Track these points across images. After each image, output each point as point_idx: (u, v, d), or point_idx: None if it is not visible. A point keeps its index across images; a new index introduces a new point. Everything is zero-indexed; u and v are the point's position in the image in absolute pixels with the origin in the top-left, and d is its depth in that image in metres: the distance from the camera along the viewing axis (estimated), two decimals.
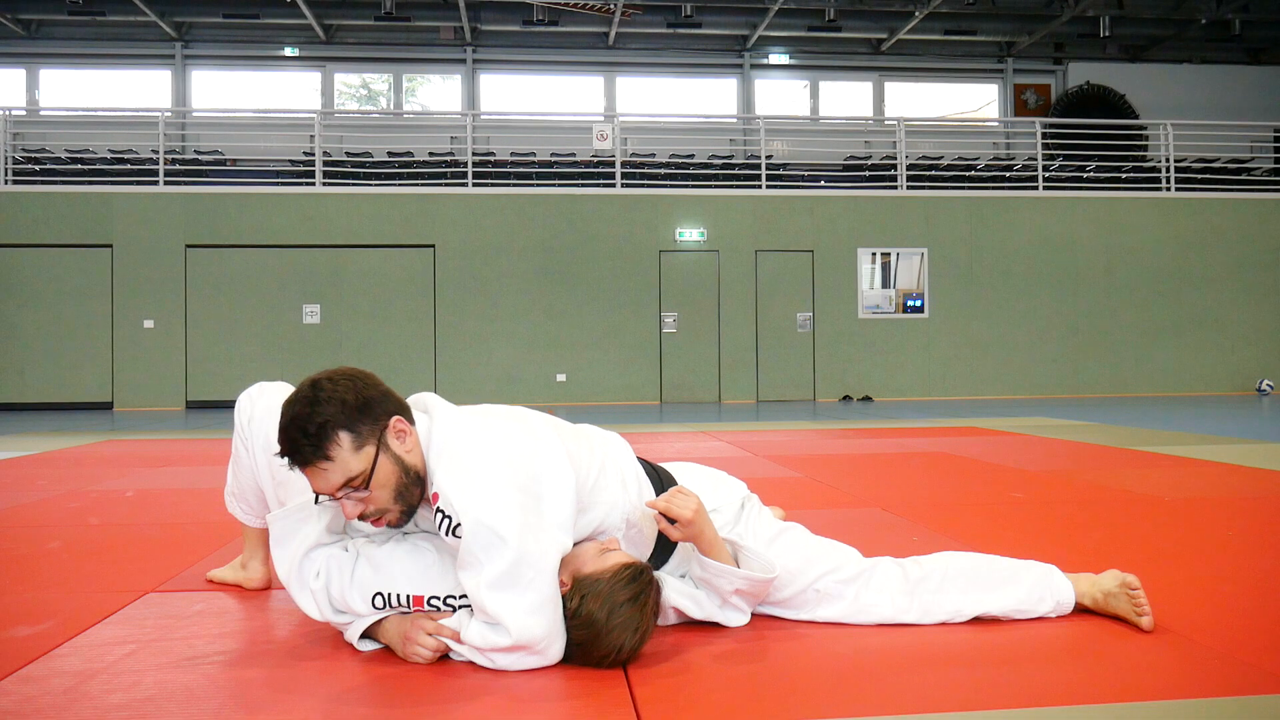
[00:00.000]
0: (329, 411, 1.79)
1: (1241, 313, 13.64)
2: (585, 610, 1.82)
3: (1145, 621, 2.05)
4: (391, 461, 1.85)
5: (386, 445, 1.85)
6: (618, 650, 1.83)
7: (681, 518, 1.97)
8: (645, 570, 1.89)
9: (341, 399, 1.81)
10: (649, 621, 1.86)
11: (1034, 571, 2.18)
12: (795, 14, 15.62)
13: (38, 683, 1.82)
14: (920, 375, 13.21)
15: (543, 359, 12.72)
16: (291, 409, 1.81)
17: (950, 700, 1.70)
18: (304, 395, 1.81)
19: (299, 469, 1.84)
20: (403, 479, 1.86)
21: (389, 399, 1.88)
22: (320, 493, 1.85)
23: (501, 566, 1.77)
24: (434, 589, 1.90)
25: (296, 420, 1.79)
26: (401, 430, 1.87)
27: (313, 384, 1.83)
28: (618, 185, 13.29)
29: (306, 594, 1.97)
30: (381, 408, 1.85)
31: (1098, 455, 5.66)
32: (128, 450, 6.64)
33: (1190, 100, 16.82)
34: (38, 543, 3.24)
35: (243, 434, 2.32)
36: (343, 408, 1.80)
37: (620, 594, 1.82)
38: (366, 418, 1.82)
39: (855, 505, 3.87)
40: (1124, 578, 2.11)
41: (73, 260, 12.33)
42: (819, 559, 2.18)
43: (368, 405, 1.83)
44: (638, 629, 1.83)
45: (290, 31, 15.78)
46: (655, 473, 2.24)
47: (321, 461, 1.80)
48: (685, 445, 6.48)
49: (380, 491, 1.85)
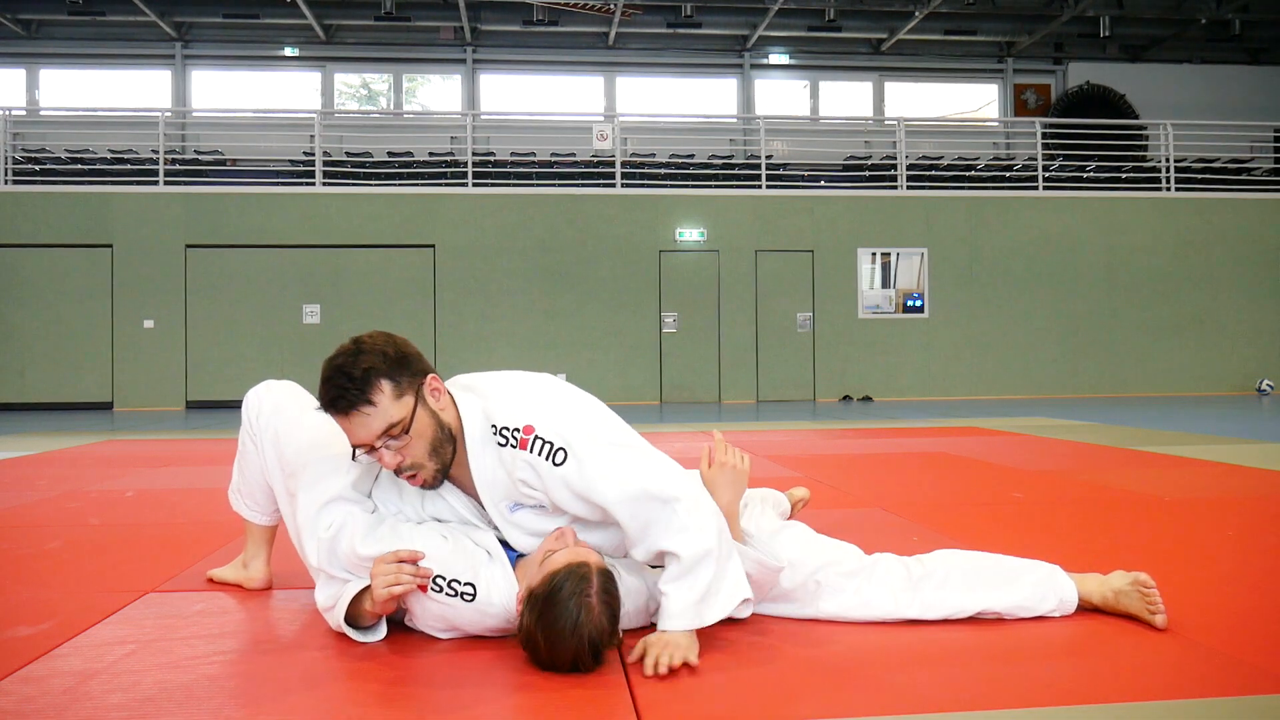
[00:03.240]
0: (372, 360, 1.90)
1: (1241, 313, 13.64)
2: (524, 625, 1.82)
3: (1159, 619, 2.05)
4: (428, 415, 1.95)
5: (423, 399, 1.95)
6: (574, 656, 1.78)
7: (728, 462, 2.07)
8: (580, 565, 1.83)
9: (382, 351, 1.92)
10: (593, 616, 1.78)
11: (1038, 571, 2.18)
12: (795, 14, 15.62)
13: (38, 683, 1.82)
14: (920, 375, 13.21)
15: (543, 359, 12.71)
16: (334, 360, 1.92)
17: (950, 700, 1.70)
18: (346, 348, 1.93)
19: (341, 417, 1.91)
20: (438, 433, 1.96)
21: (422, 359, 2.01)
22: (359, 444, 1.93)
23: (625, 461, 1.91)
24: (441, 569, 1.93)
25: (341, 368, 1.89)
26: (435, 388, 1.98)
27: (354, 340, 1.95)
28: (618, 185, 13.29)
29: (313, 541, 2.03)
30: (418, 364, 1.98)
31: (1098, 455, 5.66)
32: (128, 450, 6.64)
33: (1190, 100, 16.81)
34: (38, 543, 3.24)
35: (251, 429, 2.35)
36: (384, 358, 1.91)
37: (553, 601, 1.78)
38: (405, 370, 1.94)
39: (855, 505, 3.87)
40: (1136, 576, 2.11)
41: (73, 260, 12.33)
42: (820, 552, 2.19)
43: (405, 359, 1.95)
44: (575, 629, 1.76)
45: (290, 31, 15.77)
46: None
47: (364, 406, 1.89)
48: (685, 445, 6.48)
49: (418, 442, 1.94)
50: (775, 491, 2.91)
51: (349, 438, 1.94)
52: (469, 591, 1.93)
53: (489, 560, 1.98)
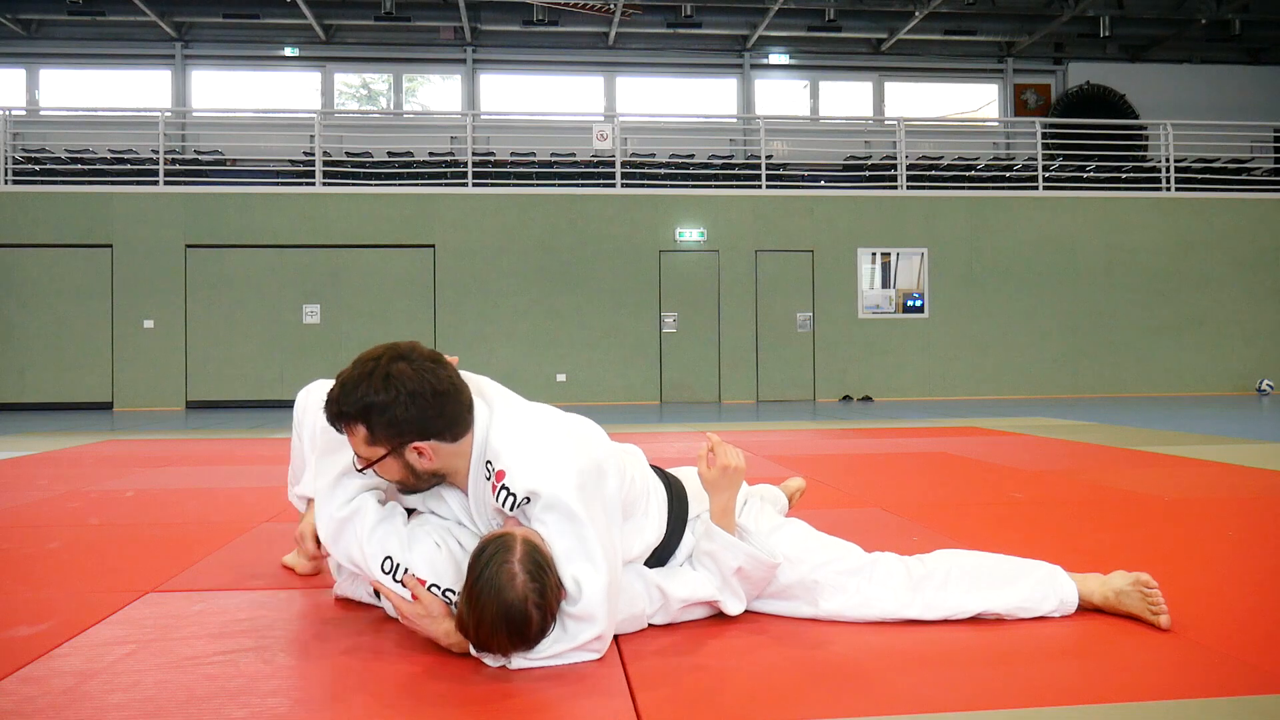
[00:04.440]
0: (356, 405, 1.87)
1: (1241, 313, 13.64)
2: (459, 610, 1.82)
3: (1163, 620, 2.05)
4: (402, 467, 1.95)
5: (400, 454, 1.93)
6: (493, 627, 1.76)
7: (729, 463, 2.03)
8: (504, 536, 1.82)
9: (379, 405, 1.87)
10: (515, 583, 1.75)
11: (1038, 571, 2.18)
12: (795, 14, 15.62)
13: (38, 683, 1.82)
14: (920, 375, 13.21)
15: (543, 359, 12.72)
16: (350, 372, 1.91)
17: (951, 700, 1.70)
18: (358, 374, 1.89)
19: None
20: (410, 478, 1.98)
21: (432, 420, 1.90)
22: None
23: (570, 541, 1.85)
24: (437, 578, 1.93)
25: (343, 384, 1.90)
26: (420, 450, 1.93)
27: (384, 371, 1.87)
28: (618, 185, 13.29)
29: (325, 515, 2.06)
30: (412, 428, 1.89)
31: (1098, 455, 5.66)
32: (128, 450, 6.64)
33: (1190, 100, 16.81)
34: (38, 543, 3.24)
35: (297, 425, 2.47)
36: (370, 409, 1.87)
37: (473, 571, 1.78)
38: (390, 430, 1.88)
39: (855, 505, 3.87)
40: (1138, 576, 2.11)
41: (73, 260, 12.33)
42: (819, 550, 2.20)
43: (395, 423, 1.88)
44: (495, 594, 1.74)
45: (290, 31, 15.77)
46: (666, 479, 2.27)
47: (342, 433, 1.95)
48: (685, 445, 6.48)
49: (386, 474, 1.98)
50: (773, 487, 2.92)
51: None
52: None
53: None
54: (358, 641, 2.06)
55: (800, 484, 3.20)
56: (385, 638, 2.06)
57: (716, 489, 2.06)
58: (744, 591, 2.11)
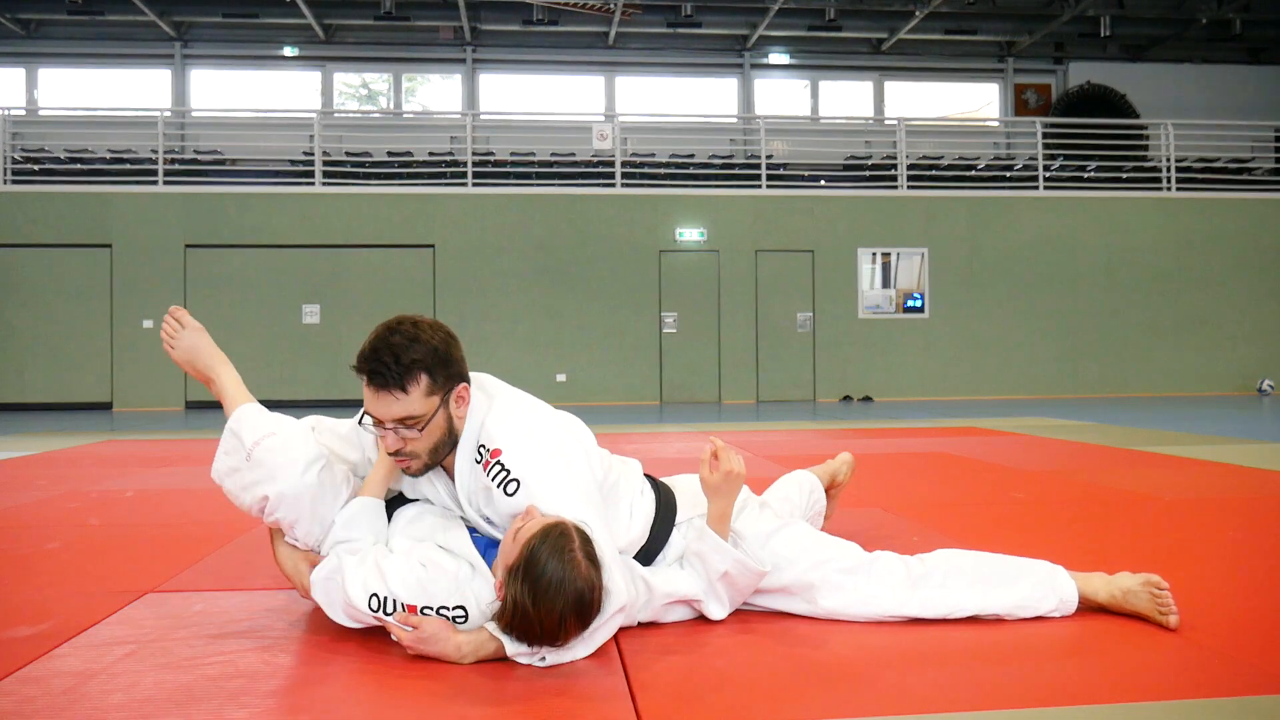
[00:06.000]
0: (423, 351, 1.93)
1: (1241, 313, 13.64)
2: (509, 598, 1.79)
3: (1172, 620, 2.05)
4: (445, 418, 2.00)
5: (448, 403, 1.99)
6: (561, 616, 1.76)
7: (732, 469, 2.04)
8: (556, 524, 1.82)
9: (435, 346, 1.96)
10: (580, 570, 1.77)
11: (1038, 571, 2.18)
12: (795, 14, 15.62)
13: (38, 683, 1.82)
14: (920, 375, 13.21)
15: (543, 359, 12.72)
16: (389, 336, 1.93)
17: (951, 700, 1.70)
18: (405, 329, 1.95)
19: (370, 388, 1.94)
20: (445, 437, 2.01)
21: (463, 363, 2.05)
22: (375, 416, 1.96)
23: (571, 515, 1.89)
24: (429, 600, 1.93)
25: (393, 347, 1.92)
26: (463, 397, 2.02)
27: (414, 323, 1.98)
28: (618, 185, 13.28)
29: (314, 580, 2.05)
30: (459, 369, 2.02)
31: (1098, 455, 5.65)
32: (127, 450, 6.64)
33: (1190, 100, 16.81)
34: (38, 543, 3.24)
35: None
36: (434, 354, 1.95)
37: (534, 563, 1.76)
38: (446, 373, 1.98)
39: (855, 505, 3.87)
40: (1147, 577, 2.11)
41: (72, 260, 12.33)
42: (817, 549, 2.20)
43: (451, 362, 1.99)
44: (562, 586, 1.75)
45: (290, 31, 15.77)
46: (656, 487, 2.28)
47: (397, 391, 1.92)
48: (685, 445, 6.48)
49: (426, 439, 1.98)
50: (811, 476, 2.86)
51: (366, 404, 1.97)
52: (460, 615, 1.91)
53: (472, 574, 1.97)
54: (358, 641, 2.06)
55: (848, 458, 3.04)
56: (385, 637, 2.05)
57: (717, 494, 2.06)
58: (728, 597, 2.12)
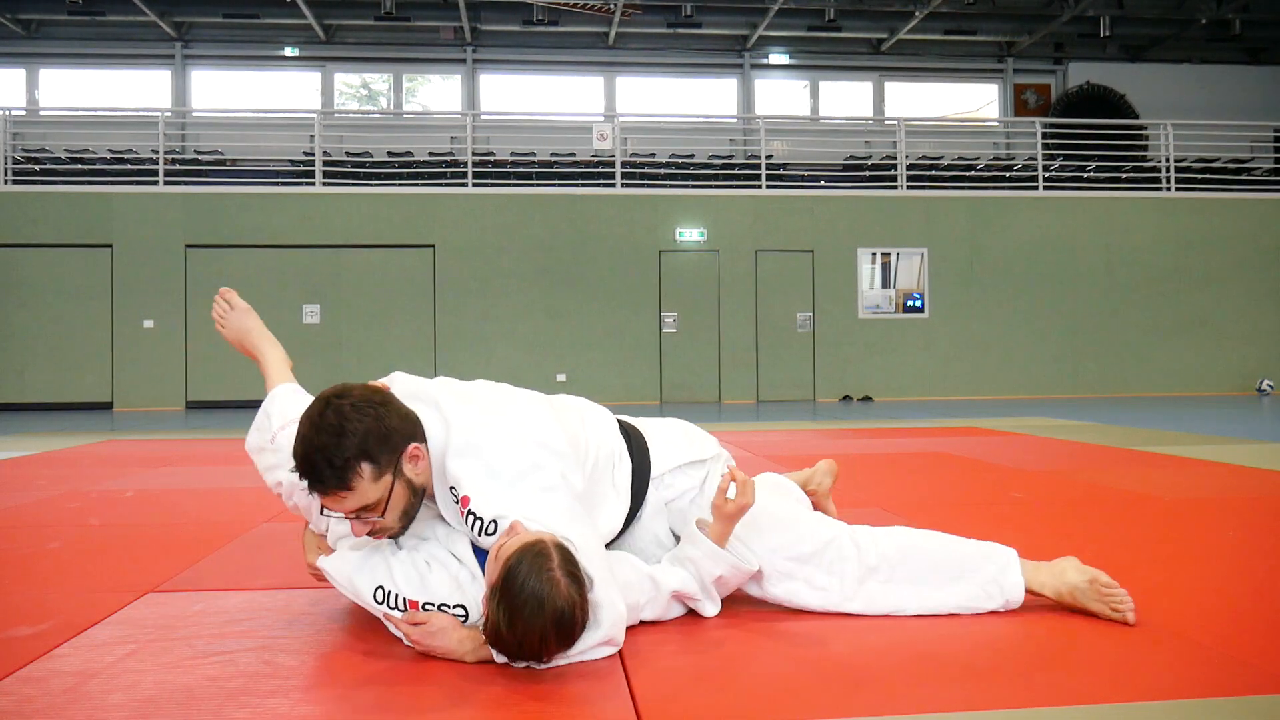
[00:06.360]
0: (354, 443, 1.82)
1: (1241, 313, 13.64)
2: (490, 619, 1.77)
3: (1129, 616, 2.05)
4: (405, 487, 1.91)
5: (401, 472, 1.90)
6: (541, 636, 1.73)
7: (747, 502, 2.02)
8: (535, 544, 1.77)
9: (367, 429, 1.84)
10: (559, 589, 1.72)
11: (988, 568, 2.17)
12: (795, 14, 15.62)
13: (38, 683, 1.82)
14: (920, 375, 13.21)
15: (543, 359, 12.72)
16: (316, 437, 1.83)
17: (951, 700, 1.70)
18: (329, 425, 1.83)
19: (315, 490, 1.87)
20: (412, 501, 1.95)
21: (406, 423, 1.92)
22: (332, 511, 1.90)
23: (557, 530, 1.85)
24: (430, 595, 1.93)
25: (322, 451, 1.82)
26: (416, 455, 1.92)
27: (338, 410, 1.85)
28: (618, 185, 13.29)
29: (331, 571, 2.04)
30: (400, 435, 1.89)
31: (1098, 455, 5.66)
32: (128, 450, 6.64)
33: (1190, 100, 16.81)
34: (38, 543, 3.24)
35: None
36: (365, 439, 1.84)
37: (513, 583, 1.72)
38: (387, 448, 1.86)
39: (855, 505, 3.87)
40: (1094, 575, 2.11)
41: (73, 260, 12.33)
42: (774, 531, 2.18)
43: (389, 435, 1.87)
44: (541, 607, 1.71)
45: (290, 31, 15.77)
46: (630, 445, 2.26)
47: (342, 491, 1.85)
48: None
49: (392, 515, 1.92)
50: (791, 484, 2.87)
51: (323, 502, 1.90)
52: (460, 613, 1.92)
53: (473, 580, 1.98)
54: (358, 640, 2.06)
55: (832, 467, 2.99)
56: (385, 637, 2.06)
57: (725, 520, 2.06)
58: (719, 595, 2.16)
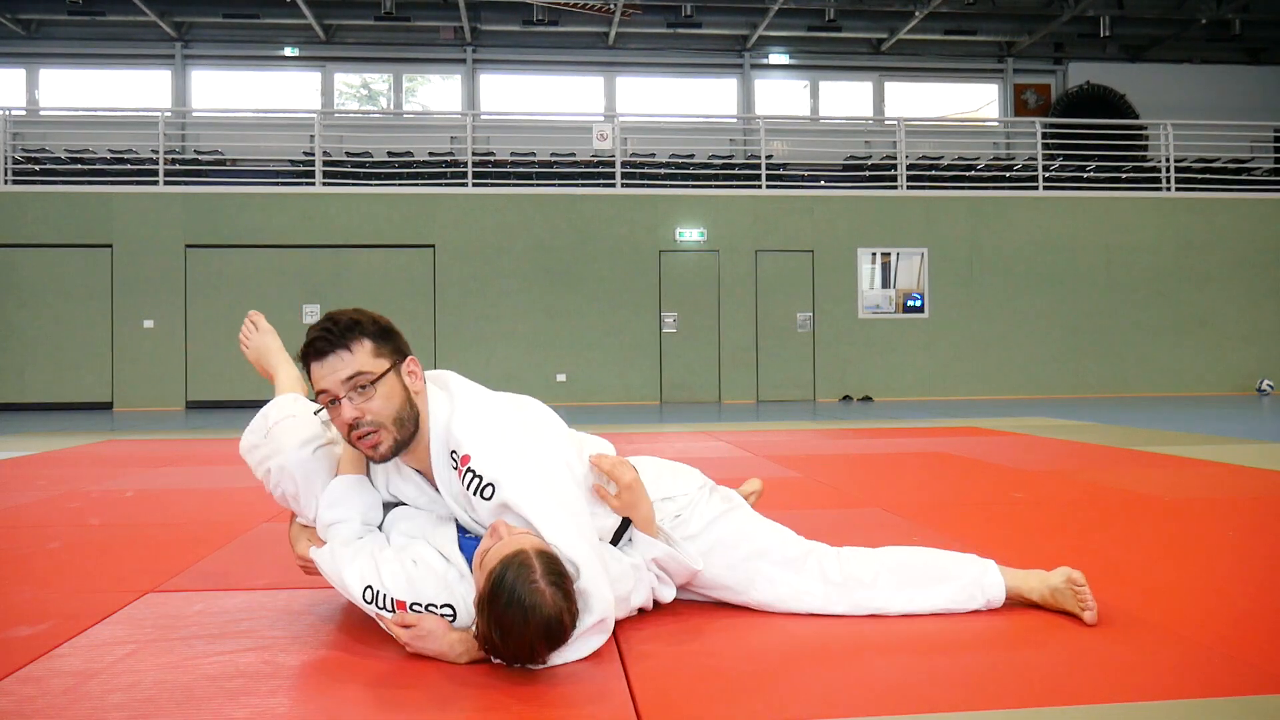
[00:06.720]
0: (364, 319, 1.99)
1: (1241, 313, 13.64)
2: (480, 629, 1.79)
3: (1088, 616, 2.08)
4: (399, 384, 2.00)
5: (399, 372, 2.00)
6: (531, 646, 1.75)
7: (621, 479, 2.07)
8: (517, 554, 1.78)
9: (375, 319, 2.02)
10: (545, 599, 1.74)
11: (970, 570, 2.20)
12: (795, 14, 15.62)
13: (38, 683, 1.82)
14: (920, 375, 13.21)
15: (543, 359, 12.72)
16: (328, 314, 1.99)
17: (951, 700, 1.70)
18: (343, 309, 2.02)
19: (316, 363, 1.95)
20: (405, 407, 2.00)
21: (408, 347, 2.07)
22: (324, 390, 1.96)
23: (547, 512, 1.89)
24: (418, 596, 1.93)
25: (331, 316, 1.98)
26: (414, 371, 2.03)
27: (353, 308, 2.04)
28: (618, 185, 13.28)
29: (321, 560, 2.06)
30: (403, 341, 2.05)
31: (1098, 455, 5.66)
32: (128, 450, 6.64)
33: (1190, 100, 16.81)
34: (38, 543, 3.24)
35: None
36: (375, 324, 2.00)
37: (498, 596, 1.74)
38: (390, 341, 2.01)
39: (855, 505, 3.87)
40: (1069, 574, 2.14)
41: (73, 260, 12.33)
42: (757, 536, 2.22)
43: (392, 333, 2.03)
44: (528, 618, 1.72)
45: (290, 31, 15.77)
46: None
47: (341, 351, 1.95)
48: (685, 445, 6.48)
49: (383, 403, 1.96)
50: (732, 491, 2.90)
51: (315, 386, 1.97)
52: (449, 613, 1.93)
53: (461, 579, 1.98)
54: (358, 640, 2.06)
55: (757, 486, 3.07)
56: (384, 636, 2.06)
57: (630, 508, 2.08)
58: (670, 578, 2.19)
